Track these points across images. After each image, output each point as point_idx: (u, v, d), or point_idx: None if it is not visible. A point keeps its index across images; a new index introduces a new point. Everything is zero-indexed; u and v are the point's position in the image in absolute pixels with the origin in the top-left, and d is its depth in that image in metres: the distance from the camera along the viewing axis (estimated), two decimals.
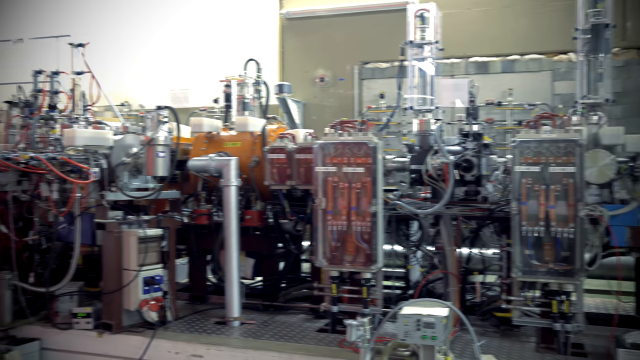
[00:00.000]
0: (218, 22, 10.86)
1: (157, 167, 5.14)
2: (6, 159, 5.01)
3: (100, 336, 5.07)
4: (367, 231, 4.74)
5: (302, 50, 10.49)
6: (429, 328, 3.73)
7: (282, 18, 10.58)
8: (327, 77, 10.37)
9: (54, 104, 5.70)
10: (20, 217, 5.58)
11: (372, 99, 9.88)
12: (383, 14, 9.91)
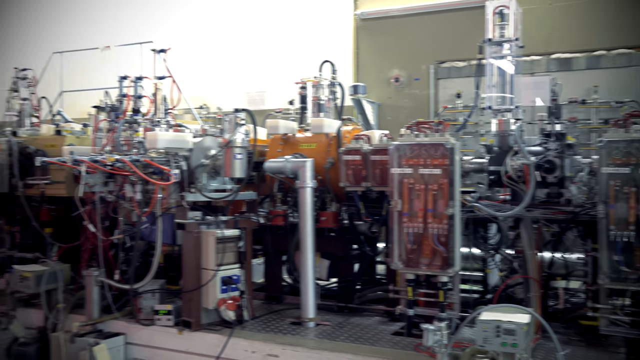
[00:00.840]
0: (293, 25, 10.97)
1: (234, 169, 5.23)
2: (94, 161, 5.24)
3: (180, 333, 5.22)
4: (444, 234, 4.64)
5: (377, 50, 10.43)
6: (509, 335, 3.61)
7: (357, 19, 10.56)
8: (402, 77, 10.26)
9: (138, 108, 5.90)
10: (106, 217, 5.82)
11: (448, 98, 9.70)
12: (459, 12, 9.71)
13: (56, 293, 5.79)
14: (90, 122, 6.80)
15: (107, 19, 12.14)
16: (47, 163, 5.59)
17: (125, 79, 6.10)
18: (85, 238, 6.05)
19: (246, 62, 11.25)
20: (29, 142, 6.49)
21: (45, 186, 6.18)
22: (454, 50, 9.64)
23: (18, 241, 6.67)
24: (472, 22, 8.78)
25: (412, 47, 10.14)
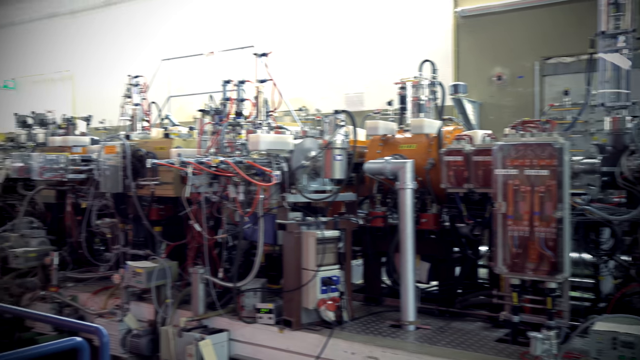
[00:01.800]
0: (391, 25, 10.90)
1: (334, 170, 5.26)
2: (200, 163, 5.44)
3: (281, 332, 5.31)
4: (551, 238, 4.43)
5: (478, 48, 10.15)
6: (627, 348, 3.39)
7: (457, 16, 10.33)
8: (505, 75, 9.92)
9: (240, 111, 6.06)
10: (211, 217, 6.02)
11: (555, 96, 9.26)
12: (566, 5, 9.26)
13: (165, 289, 6.05)
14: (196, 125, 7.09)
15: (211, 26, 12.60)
16: (157, 165, 5.86)
17: (228, 83, 6.28)
18: (191, 237, 6.29)
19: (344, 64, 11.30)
20: (141, 145, 6.83)
21: (155, 187, 6.49)
22: (560, 46, 9.20)
23: (131, 239, 7.06)
24: (580, 15, 8.36)
25: (515, 44, 9.78)
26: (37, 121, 8.83)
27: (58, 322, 4.09)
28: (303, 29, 11.72)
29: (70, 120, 8.52)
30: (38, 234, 7.61)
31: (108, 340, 3.45)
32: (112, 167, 6.72)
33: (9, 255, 7.15)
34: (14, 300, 7.03)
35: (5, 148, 8.75)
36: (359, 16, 11.27)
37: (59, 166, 7.24)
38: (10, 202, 8.45)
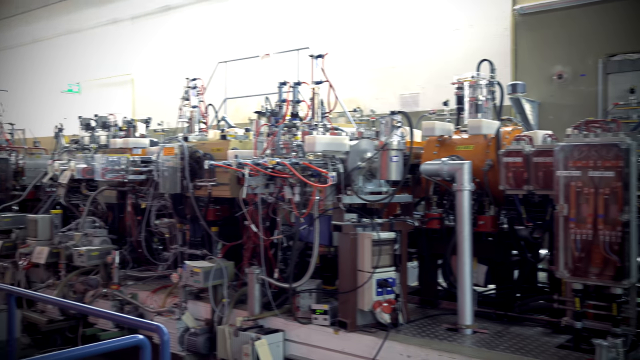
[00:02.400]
0: (447, 25, 10.76)
1: (390, 171, 5.22)
2: (256, 164, 5.49)
3: (336, 333, 5.30)
4: (617, 242, 4.28)
5: (537, 46, 9.90)
6: None
7: (515, 14, 10.10)
8: (566, 74, 9.64)
9: (296, 112, 6.10)
10: (266, 217, 6.08)
11: (620, 94, 8.94)
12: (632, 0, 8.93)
13: (222, 288, 6.14)
14: (252, 127, 7.17)
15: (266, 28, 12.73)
16: (215, 166, 5.95)
17: (284, 85, 6.33)
18: (247, 237, 6.37)
19: (399, 64, 11.22)
20: (198, 146, 6.96)
21: (212, 188, 6.59)
22: (626, 42, 8.87)
23: (188, 238, 7.20)
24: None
25: (576, 41, 9.50)
26: (99, 124, 9.11)
27: (121, 320, 4.20)
28: (358, 29, 11.70)
29: (130, 123, 8.78)
30: (100, 233, 7.85)
31: (169, 339, 3.52)
32: (170, 168, 6.86)
33: (74, 254, 7.39)
34: (78, 297, 7.27)
35: (70, 150, 9.07)
36: (414, 16, 11.17)
37: (120, 167, 7.44)
38: (75, 202, 8.76)
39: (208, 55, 13.23)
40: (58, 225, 8.26)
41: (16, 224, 8.63)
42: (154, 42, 14.65)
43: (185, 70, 12.66)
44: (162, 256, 7.85)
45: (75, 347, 3.27)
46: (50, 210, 8.63)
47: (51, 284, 7.71)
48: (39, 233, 8.09)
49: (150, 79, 14.61)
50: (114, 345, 3.37)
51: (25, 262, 7.90)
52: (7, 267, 8.23)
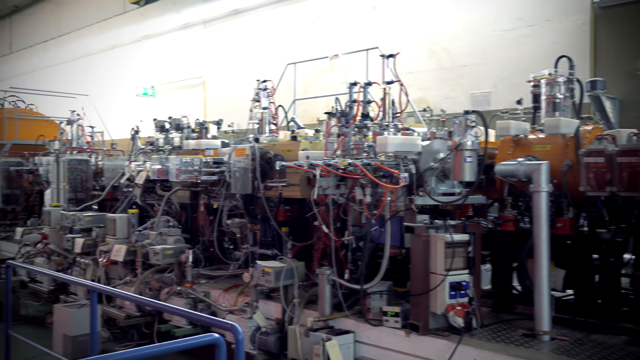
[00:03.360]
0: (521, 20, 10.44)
1: (464, 172, 5.11)
2: (328, 165, 5.49)
3: (407, 336, 5.23)
4: None
5: (618, 40, 9.46)
6: None
7: (595, 7, 9.69)
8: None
9: (367, 112, 6.06)
10: (337, 218, 6.07)
11: None
12: None
13: (292, 288, 6.18)
14: (322, 128, 7.18)
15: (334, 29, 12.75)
16: (286, 167, 6.00)
17: (354, 85, 6.30)
18: (317, 238, 6.38)
19: (470, 62, 10.98)
20: (269, 147, 7.03)
21: (282, 188, 6.64)
22: None
23: (259, 238, 7.29)
24: None
25: None
26: (173, 126, 9.34)
27: (197, 318, 4.28)
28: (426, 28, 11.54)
29: (202, 125, 8.98)
30: (174, 232, 8.05)
31: (243, 338, 3.56)
32: (242, 169, 6.96)
33: (150, 252, 7.62)
34: (153, 294, 7.49)
35: (146, 151, 9.35)
36: (485, 13, 10.91)
37: (193, 168, 7.61)
38: (150, 202, 9.03)
39: (277, 56, 13.38)
40: (135, 224, 8.54)
41: (96, 222, 8.98)
42: (224, 45, 14.96)
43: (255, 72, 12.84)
44: (233, 255, 7.98)
45: (154, 344, 3.36)
46: (127, 210, 8.93)
47: (128, 280, 7.98)
48: (117, 232, 8.39)
49: (221, 81, 14.92)
50: (191, 344, 3.44)
51: (104, 259, 8.21)
52: (88, 264, 8.58)
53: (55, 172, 10.80)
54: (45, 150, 12.11)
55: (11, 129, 14.54)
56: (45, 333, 8.38)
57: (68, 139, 11.73)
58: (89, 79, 19.40)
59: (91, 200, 10.44)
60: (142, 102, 16.96)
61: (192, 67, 15.76)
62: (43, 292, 9.27)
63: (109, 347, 7.73)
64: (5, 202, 12.80)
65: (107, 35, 18.23)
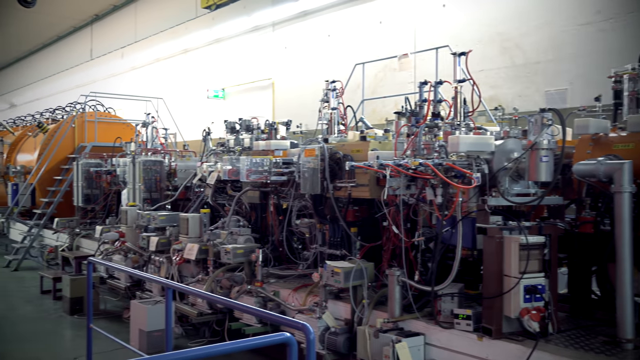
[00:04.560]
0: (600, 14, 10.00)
1: (540, 172, 4.94)
2: (398, 165, 5.44)
3: (480, 339, 5.11)
4: None
5: None
6: None
7: None
8: None
9: (438, 112, 5.97)
10: (406, 219, 6.00)
11: None
12: None
13: (361, 289, 6.15)
14: (391, 128, 7.12)
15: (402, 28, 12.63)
16: (355, 167, 5.98)
17: (425, 84, 6.22)
18: (386, 238, 6.34)
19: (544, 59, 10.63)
20: (338, 147, 7.03)
21: (351, 188, 6.63)
22: None
23: (328, 238, 7.31)
24: None
25: None
26: (243, 127, 9.50)
27: (269, 317, 4.33)
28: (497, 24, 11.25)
29: (272, 126, 9.08)
30: (244, 232, 8.19)
31: (314, 338, 3.56)
32: (311, 170, 7.00)
33: (221, 251, 7.78)
34: (224, 292, 7.64)
35: (217, 152, 9.55)
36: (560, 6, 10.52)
37: (263, 169, 7.72)
38: (220, 202, 9.22)
39: (345, 57, 13.39)
40: (206, 224, 8.74)
41: (170, 222, 9.24)
42: (293, 47, 15.10)
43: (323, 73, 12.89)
44: (302, 255, 8.04)
45: (228, 342, 3.42)
46: (199, 210, 9.15)
47: (200, 279, 8.16)
48: (190, 231, 8.60)
49: (290, 83, 15.07)
50: (263, 342, 3.48)
51: (177, 257, 8.44)
52: (162, 262, 8.85)
53: (132, 173, 11.21)
54: (122, 152, 12.61)
55: (91, 131, 15.23)
56: (121, 327, 8.71)
57: (143, 140, 12.16)
58: (162, 83, 20.04)
59: (164, 200, 10.78)
60: (213, 104, 17.35)
61: (261, 69, 15.99)
62: (120, 288, 9.63)
63: (182, 343, 7.94)
64: (86, 202, 13.40)
65: (180, 39, 18.75)
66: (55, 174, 14.66)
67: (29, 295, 11.29)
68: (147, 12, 21.68)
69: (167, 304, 5.09)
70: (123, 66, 22.09)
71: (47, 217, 13.87)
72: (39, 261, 14.24)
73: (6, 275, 13.36)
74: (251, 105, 16.01)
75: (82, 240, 12.43)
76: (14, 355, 7.75)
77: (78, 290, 9.73)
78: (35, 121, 17.95)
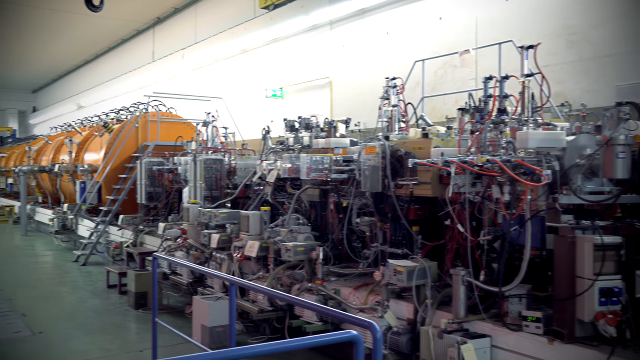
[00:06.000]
0: None
1: (615, 169, 4.72)
2: (463, 162, 5.30)
3: (550, 343, 4.93)
4: None
5: None
6: None
7: None
8: None
9: (503, 107, 5.79)
10: (472, 217, 5.85)
11: None
12: None
13: (424, 289, 6.04)
14: (453, 125, 6.97)
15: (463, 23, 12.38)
16: (419, 164, 5.87)
17: (490, 80, 6.05)
18: (449, 237, 6.20)
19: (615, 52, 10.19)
20: (399, 145, 6.94)
21: (413, 186, 6.53)
22: None
23: (388, 237, 7.22)
24: None
25: None
26: (302, 125, 9.51)
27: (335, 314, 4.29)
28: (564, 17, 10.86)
29: (331, 124, 9.05)
30: (304, 230, 8.19)
31: (381, 336, 3.50)
32: (371, 167, 6.93)
33: (282, 248, 7.80)
34: (285, 290, 7.64)
35: (276, 150, 9.59)
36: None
37: (323, 166, 7.69)
38: (280, 200, 9.26)
39: (403, 54, 13.23)
40: (267, 222, 8.79)
41: (230, 219, 9.33)
42: (350, 45, 15.03)
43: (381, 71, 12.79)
44: (362, 254, 7.97)
45: (294, 338, 3.39)
46: (259, 207, 9.21)
47: (261, 276, 8.21)
48: (251, 228, 8.67)
49: (347, 81, 15.00)
50: (329, 340, 3.44)
51: (238, 254, 8.52)
52: (223, 259, 8.95)
53: (193, 171, 11.41)
54: (183, 151, 12.85)
55: (153, 131, 15.60)
56: (184, 322, 8.87)
57: (204, 139, 12.35)
58: (221, 83, 20.32)
59: (224, 198, 10.91)
60: (271, 103, 17.47)
61: (318, 68, 15.98)
62: (182, 284, 9.80)
63: (242, 339, 8.00)
64: (149, 199, 13.73)
65: (238, 40, 18.95)
66: (120, 173, 15.09)
67: (96, 289, 11.66)
68: (207, 13, 22.03)
69: (230, 300, 5.11)
70: (184, 67, 22.51)
71: (112, 214, 14.28)
72: (105, 256, 14.70)
73: (75, 269, 13.84)
74: (309, 104, 16.03)
75: (145, 236, 12.74)
76: (85, 346, 8.01)
77: (142, 285, 9.98)
78: (101, 121, 18.52)
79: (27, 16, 25.14)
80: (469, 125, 6.17)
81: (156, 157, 14.02)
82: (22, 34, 28.21)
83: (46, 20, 25.63)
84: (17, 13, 24.74)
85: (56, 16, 24.93)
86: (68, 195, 19.10)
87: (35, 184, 22.62)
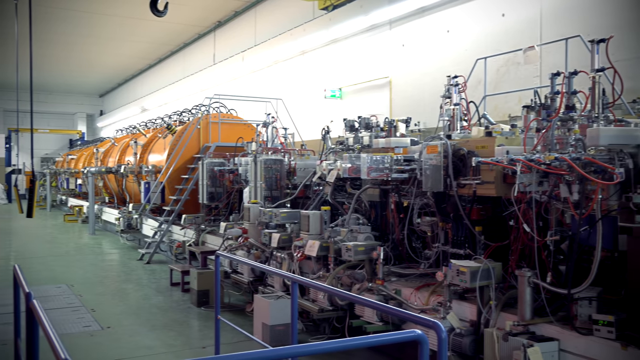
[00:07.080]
0: None
1: None
2: (530, 160, 5.16)
3: (624, 349, 4.73)
4: None
5: None
6: None
7: None
8: None
9: (571, 104, 5.61)
10: (538, 217, 5.69)
11: None
12: None
13: (488, 290, 5.92)
14: (518, 123, 6.79)
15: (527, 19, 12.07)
16: (483, 163, 5.75)
17: (557, 76, 5.87)
18: (514, 238, 6.05)
19: None
20: (461, 144, 6.82)
21: (476, 186, 6.40)
22: None
23: (450, 237, 7.11)
24: None
25: None
26: (362, 125, 9.48)
27: (399, 314, 4.24)
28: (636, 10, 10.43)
29: (391, 123, 8.99)
30: (364, 229, 8.15)
31: (446, 337, 3.44)
32: (433, 167, 6.84)
33: (342, 248, 7.80)
34: (345, 289, 7.63)
35: (336, 150, 9.60)
36: None
37: (384, 166, 7.64)
38: (340, 200, 9.26)
39: (464, 52, 13.01)
40: (327, 221, 8.80)
41: (290, 219, 9.40)
42: (410, 44, 14.89)
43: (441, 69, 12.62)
44: (423, 254, 7.88)
45: (358, 337, 3.37)
46: (319, 207, 9.24)
47: (321, 275, 8.23)
48: (311, 228, 8.71)
49: (407, 80, 14.86)
50: (394, 339, 3.41)
51: (299, 254, 8.57)
52: (284, 258, 9.02)
53: (253, 172, 11.56)
54: (243, 152, 13.05)
55: (215, 132, 15.90)
56: (245, 320, 8.99)
57: (264, 140, 12.50)
58: (281, 84, 20.51)
59: (284, 198, 11.01)
60: (330, 103, 17.51)
61: (377, 68, 15.91)
62: (243, 282, 9.94)
63: (303, 338, 8.05)
64: (210, 199, 13.99)
65: (297, 41, 19.07)
66: (182, 173, 15.46)
67: (160, 286, 11.97)
68: (266, 16, 22.29)
69: (292, 298, 5.14)
70: (244, 69, 22.83)
71: (175, 213, 14.64)
72: (168, 255, 15.09)
73: (140, 267, 14.26)
74: (368, 104, 15.98)
75: (207, 236, 12.98)
76: (150, 341, 8.23)
77: (204, 283, 10.18)
78: (165, 123, 19.02)
79: (96, 24, 26.10)
80: (534, 123, 6.01)
81: (217, 158, 14.27)
82: (91, 41, 29.31)
83: (113, 27, 26.55)
84: (84, 22, 25.72)
85: (122, 22, 25.78)
86: (133, 195, 19.71)
87: (103, 185, 23.45)
